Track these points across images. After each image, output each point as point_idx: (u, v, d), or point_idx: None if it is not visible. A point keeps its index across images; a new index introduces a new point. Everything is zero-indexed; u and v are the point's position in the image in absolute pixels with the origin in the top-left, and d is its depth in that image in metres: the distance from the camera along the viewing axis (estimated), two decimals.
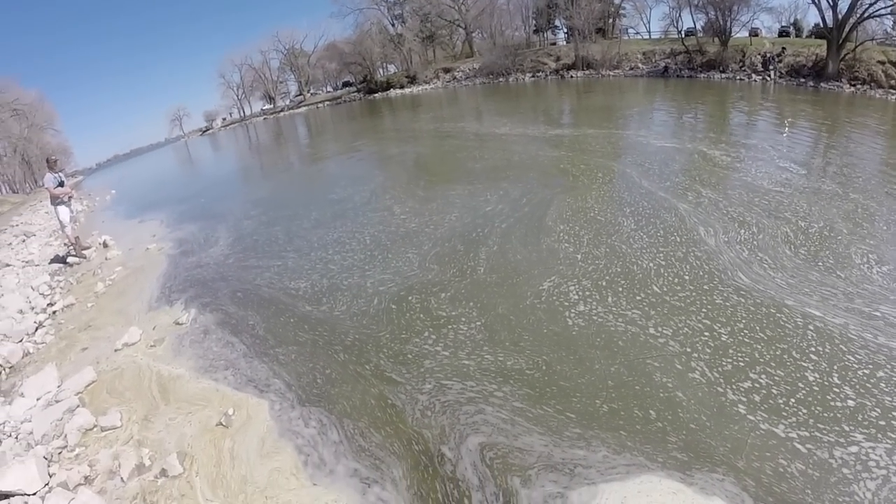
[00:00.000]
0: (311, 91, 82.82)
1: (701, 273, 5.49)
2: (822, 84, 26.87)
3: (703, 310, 4.79)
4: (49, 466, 3.91)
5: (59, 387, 5.22)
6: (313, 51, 77.41)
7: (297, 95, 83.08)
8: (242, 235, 10.03)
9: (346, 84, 77.06)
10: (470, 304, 5.49)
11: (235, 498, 3.42)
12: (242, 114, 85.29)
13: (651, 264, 5.80)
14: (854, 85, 25.60)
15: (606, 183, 9.16)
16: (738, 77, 31.21)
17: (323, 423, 4.02)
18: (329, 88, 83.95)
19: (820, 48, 28.97)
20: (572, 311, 5.03)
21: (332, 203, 11.15)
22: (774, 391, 3.71)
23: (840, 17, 27.75)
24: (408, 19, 64.53)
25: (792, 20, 48.22)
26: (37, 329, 7.24)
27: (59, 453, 4.16)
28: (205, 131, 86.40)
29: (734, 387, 3.78)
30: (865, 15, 27.24)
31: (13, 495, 3.56)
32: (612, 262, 5.97)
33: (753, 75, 30.81)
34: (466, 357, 4.56)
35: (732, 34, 34.99)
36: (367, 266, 7.09)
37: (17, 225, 19.76)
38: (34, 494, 3.59)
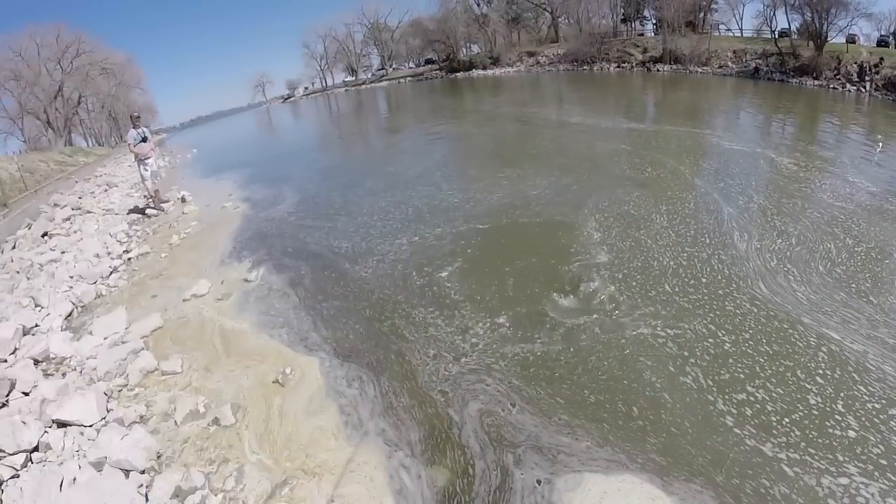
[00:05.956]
0: (394, 66, 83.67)
1: (719, 277, 5.38)
2: None
3: (711, 314, 4.71)
4: (108, 402, 4.09)
5: (126, 329, 5.48)
6: (397, 26, 78.04)
7: (379, 69, 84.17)
8: (306, 198, 10.94)
9: (428, 61, 77.15)
10: (473, 282, 5.86)
11: (279, 454, 3.55)
12: (324, 84, 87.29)
13: (672, 262, 5.75)
14: None
15: (657, 179, 9.06)
16: (831, 85, 28.82)
17: (362, 381, 4.28)
18: (411, 64, 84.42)
19: None
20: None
21: (389, 175, 11.78)
22: (769, 408, 3.52)
23: None
24: (493, 0, 63.82)
25: (892, 29, 44.24)
26: (111, 273, 7.63)
27: (119, 391, 4.38)
28: (286, 99, 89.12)
29: (726, 397, 3.65)
30: None
31: (71, 425, 3.76)
32: (635, 255, 6.01)
33: (848, 85, 28.47)
34: (461, 334, 4.83)
35: (828, 39, 32.39)
36: (399, 234, 7.68)
37: (100, 175, 20.93)
38: (91, 426, 3.77)
